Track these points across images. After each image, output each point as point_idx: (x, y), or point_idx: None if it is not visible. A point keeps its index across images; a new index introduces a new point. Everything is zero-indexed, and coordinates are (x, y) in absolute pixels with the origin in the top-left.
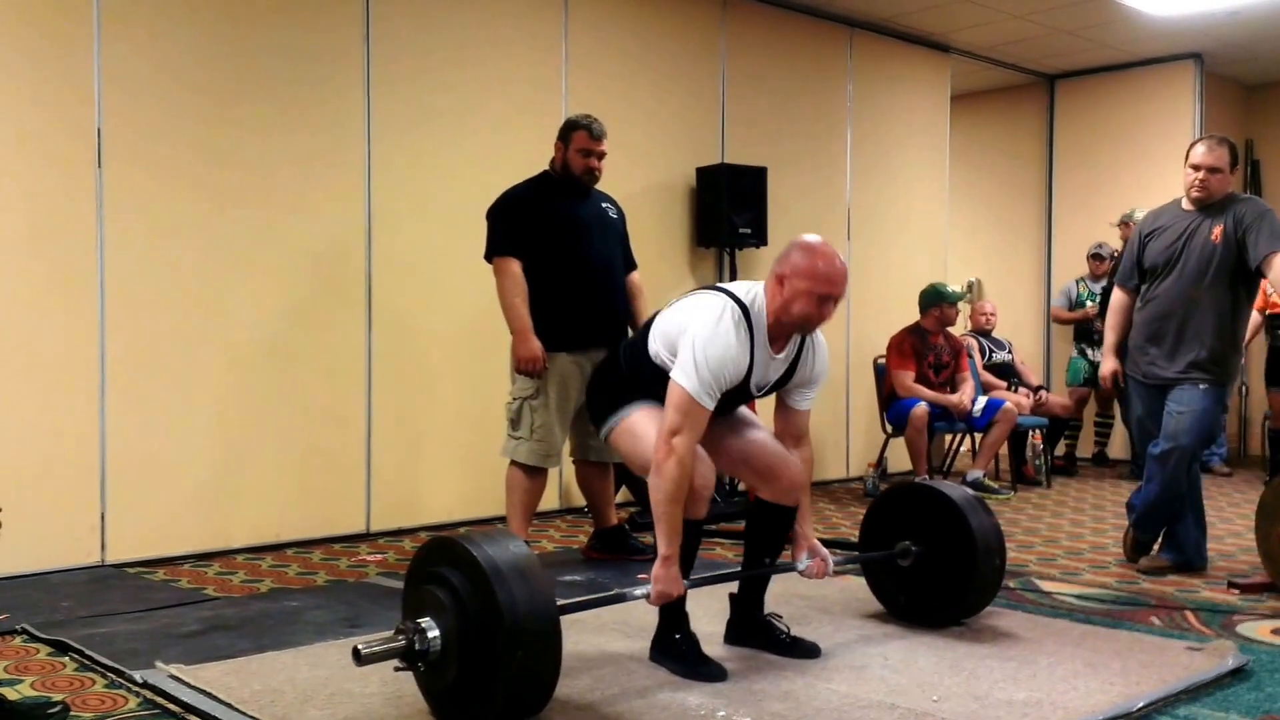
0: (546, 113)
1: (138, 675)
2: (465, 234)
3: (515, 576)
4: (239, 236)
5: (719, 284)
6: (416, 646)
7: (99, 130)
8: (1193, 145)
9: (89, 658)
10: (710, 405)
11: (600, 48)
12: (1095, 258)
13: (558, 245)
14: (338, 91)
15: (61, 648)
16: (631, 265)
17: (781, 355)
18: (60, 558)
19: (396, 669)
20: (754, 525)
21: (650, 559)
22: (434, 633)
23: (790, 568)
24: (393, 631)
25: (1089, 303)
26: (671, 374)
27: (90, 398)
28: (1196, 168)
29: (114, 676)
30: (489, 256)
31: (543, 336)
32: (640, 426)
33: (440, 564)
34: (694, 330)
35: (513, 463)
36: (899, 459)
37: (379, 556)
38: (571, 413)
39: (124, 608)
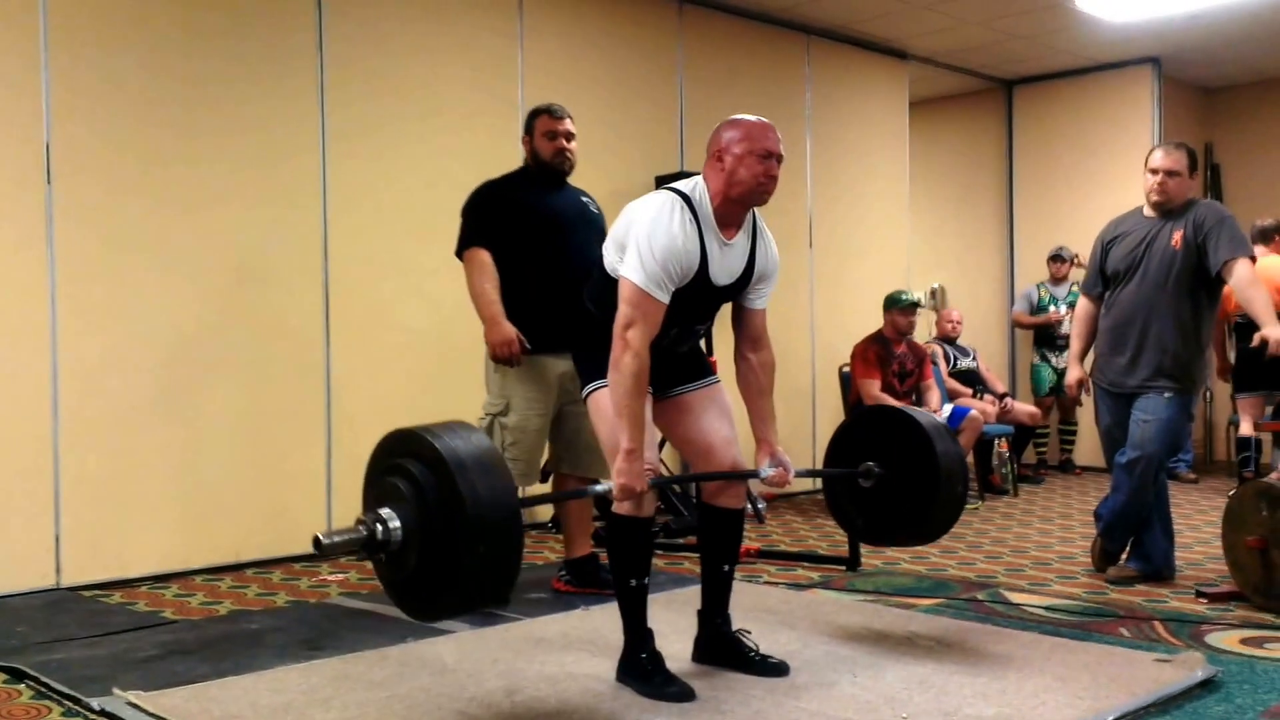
0: (501, 119)
1: (95, 703)
2: (421, 241)
3: (476, 466)
4: (191, 249)
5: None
6: (378, 536)
7: (47, 145)
8: (1151, 151)
9: (45, 685)
10: (662, 297)
11: (556, 54)
12: (1055, 259)
13: (535, 240)
14: (290, 98)
15: (17, 675)
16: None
17: (735, 242)
18: (14, 581)
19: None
20: (706, 533)
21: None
22: (395, 523)
23: (753, 474)
24: (354, 522)
25: (1051, 307)
26: (620, 270)
27: (42, 416)
28: (1155, 171)
29: (70, 704)
30: (459, 252)
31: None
32: (608, 407)
33: (401, 455)
34: (638, 224)
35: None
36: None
37: (340, 576)
38: (549, 420)
39: (80, 632)
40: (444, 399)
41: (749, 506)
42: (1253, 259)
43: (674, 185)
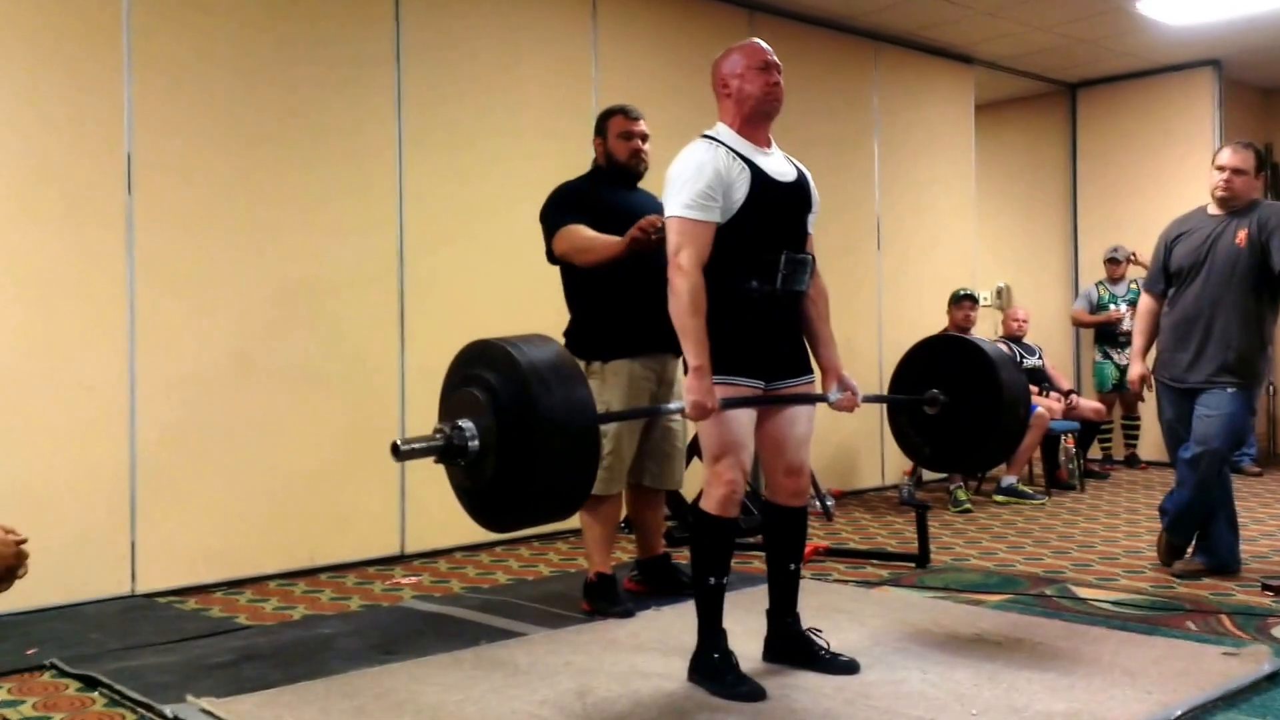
0: (576, 125)
1: (168, 710)
2: (497, 255)
3: (554, 377)
4: (271, 264)
5: None
6: (455, 443)
7: (128, 154)
8: (1219, 149)
9: (119, 692)
10: (704, 215)
11: (629, 62)
12: (1111, 261)
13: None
14: (368, 116)
15: (91, 682)
16: None
17: (773, 150)
18: (90, 589)
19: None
20: (771, 531)
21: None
22: (472, 430)
23: (822, 399)
24: (432, 431)
25: (1111, 306)
26: (668, 210)
27: (120, 426)
28: (1222, 169)
29: (144, 711)
30: (550, 253)
31: (604, 341)
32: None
33: (478, 366)
34: (671, 169)
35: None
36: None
37: (414, 579)
38: (641, 427)
39: (154, 639)
40: None
41: (816, 504)
42: None
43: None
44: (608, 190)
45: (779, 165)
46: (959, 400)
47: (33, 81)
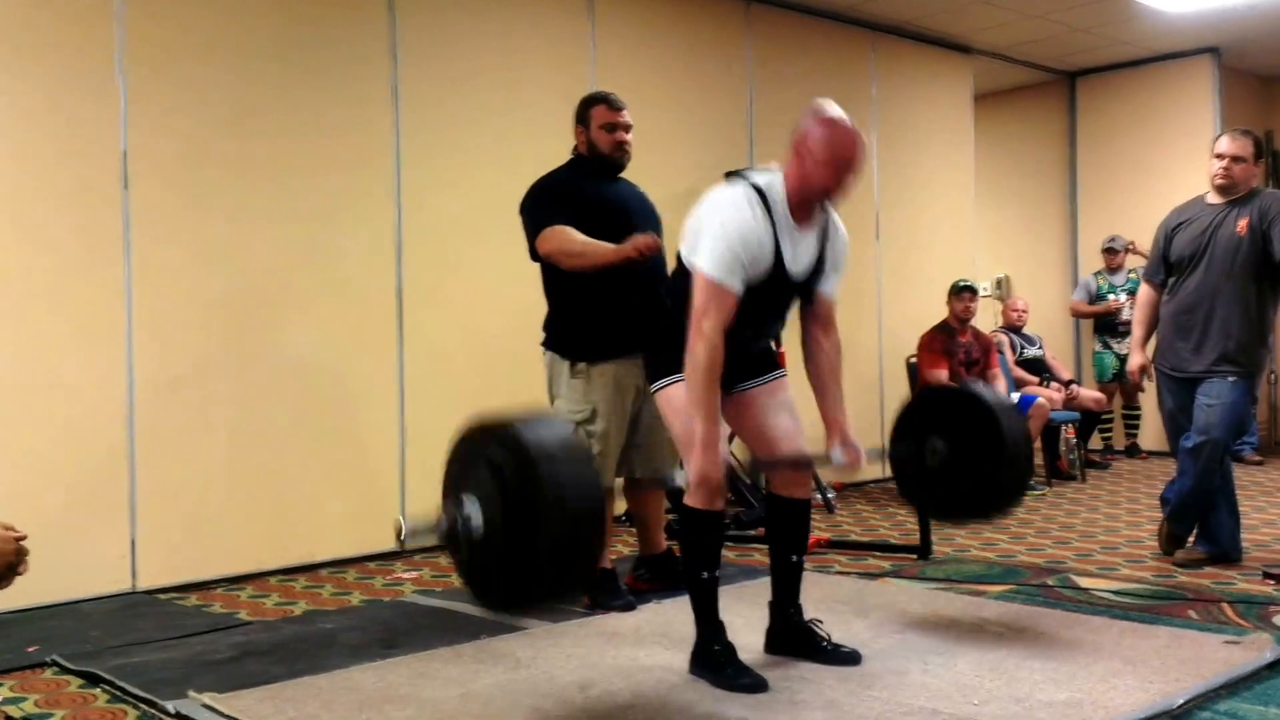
0: (572, 118)
1: (171, 705)
2: (494, 248)
3: (560, 455)
4: (268, 257)
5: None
6: (459, 528)
7: (124, 151)
8: (1218, 137)
9: (120, 689)
10: (735, 286)
11: (627, 57)
12: (1109, 251)
13: (602, 234)
14: (365, 109)
15: (93, 679)
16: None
17: (809, 233)
18: (90, 586)
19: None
20: (774, 523)
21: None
22: (476, 513)
23: (825, 459)
24: (438, 513)
25: (1110, 296)
26: (694, 260)
27: (119, 422)
28: (1221, 156)
29: (146, 707)
30: (533, 250)
31: (592, 341)
32: (680, 400)
33: (482, 443)
34: (710, 217)
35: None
36: None
37: (415, 574)
38: (626, 425)
39: (156, 635)
40: (513, 399)
41: (818, 496)
42: None
43: (749, 174)
44: (589, 181)
45: (804, 254)
46: (960, 451)
47: (26, 80)
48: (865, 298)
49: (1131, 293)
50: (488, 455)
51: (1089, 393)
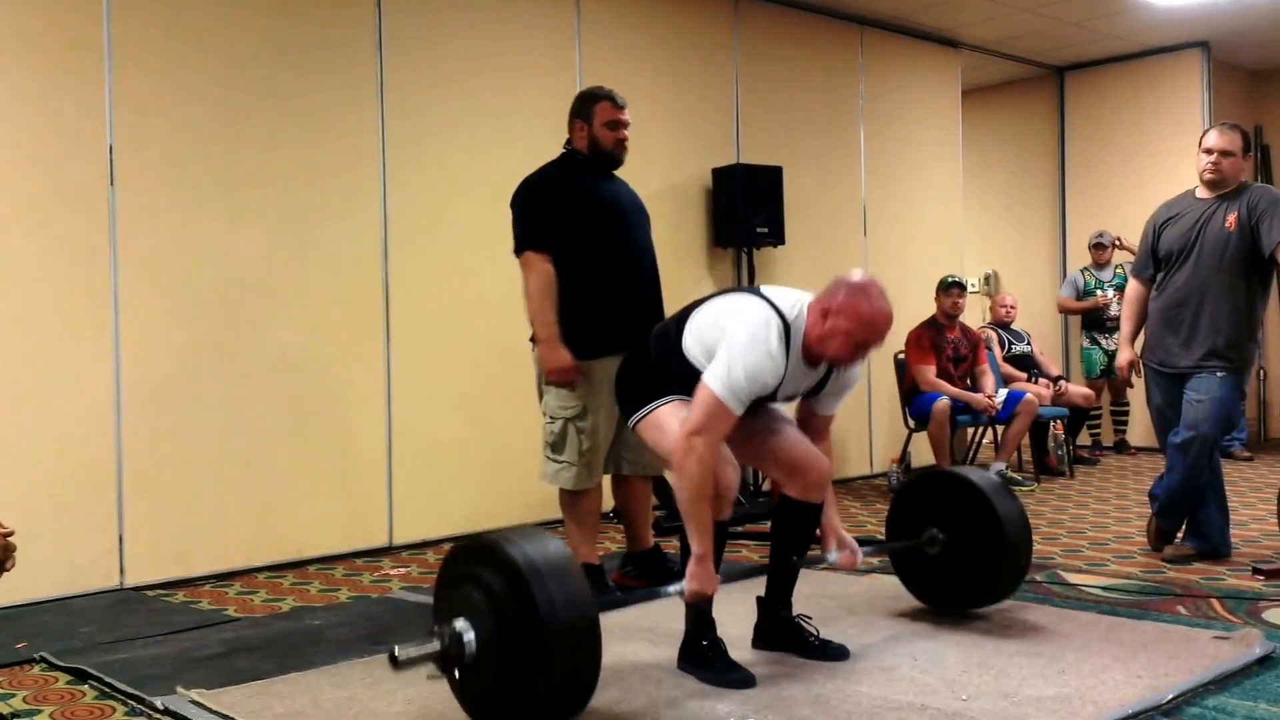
0: (562, 119)
1: (159, 701)
2: (481, 244)
3: (552, 576)
4: (255, 253)
5: (760, 288)
6: (452, 650)
7: (110, 147)
8: (1206, 131)
9: (109, 685)
10: (739, 411)
11: (614, 53)
12: (1097, 247)
13: (596, 232)
14: (351, 105)
15: (81, 675)
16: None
17: (816, 369)
18: (79, 582)
19: (430, 676)
20: (781, 523)
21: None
22: (470, 635)
23: (820, 561)
24: (427, 636)
25: (1098, 291)
26: (704, 374)
27: (106, 419)
28: (1209, 151)
29: (134, 704)
30: (518, 250)
31: (584, 338)
32: (668, 421)
33: (473, 564)
34: (734, 336)
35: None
36: (922, 453)
37: (402, 570)
38: (615, 422)
39: (144, 632)
40: (503, 399)
41: None
42: None
43: (775, 299)
44: (583, 178)
45: (804, 384)
46: (958, 537)
47: (11, 76)
48: None
49: (1119, 288)
50: (479, 576)
51: (1077, 389)
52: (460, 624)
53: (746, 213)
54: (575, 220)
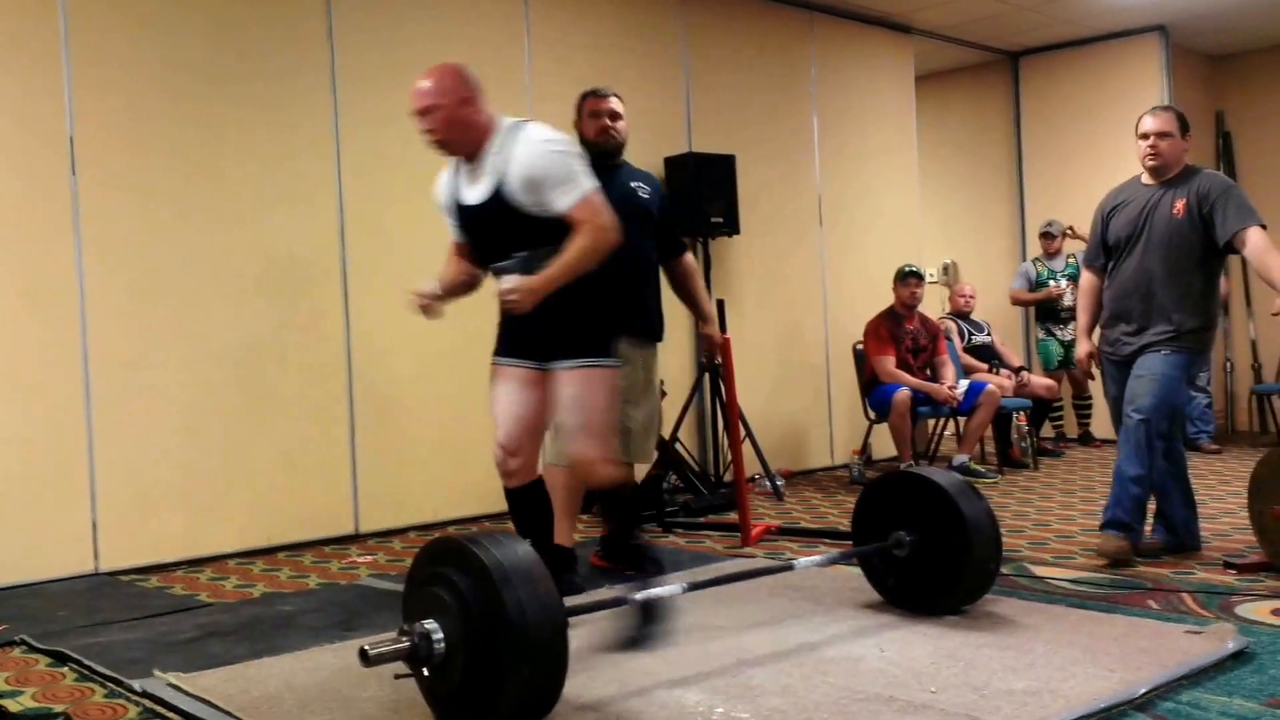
0: (510, 106)
1: (137, 684)
2: (435, 231)
3: (521, 579)
4: (215, 240)
5: None
6: (420, 649)
7: (70, 138)
8: (1140, 117)
9: (88, 667)
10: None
11: (563, 40)
12: (1046, 236)
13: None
14: (304, 90)
15: (60, 658)
16: (677, 248)
17: (476, 168)
18: (55, 567)
19: (397, 676)
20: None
21: (656, 571)
22: (438, 635)
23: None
24: (396, 633)
25: (1050, 282)
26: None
27: (76, 406)
28: (1145, 136)
29: (113, 686)
30: None
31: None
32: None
33: (444, 565)
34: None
35: (550, 464)
36: (883, 445)
37: (369, 558)
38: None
39: (120, 616)
40: (463, 380)
41: (766, 484)
42: (1263, 226)
43: None
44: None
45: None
46: (926, 539)
47: None
48: (810, 284)
49: (1072, 278)
50: (448, 577)
51: (1039, 380)
52: (429, 624)
53: (700, 202)
54: None
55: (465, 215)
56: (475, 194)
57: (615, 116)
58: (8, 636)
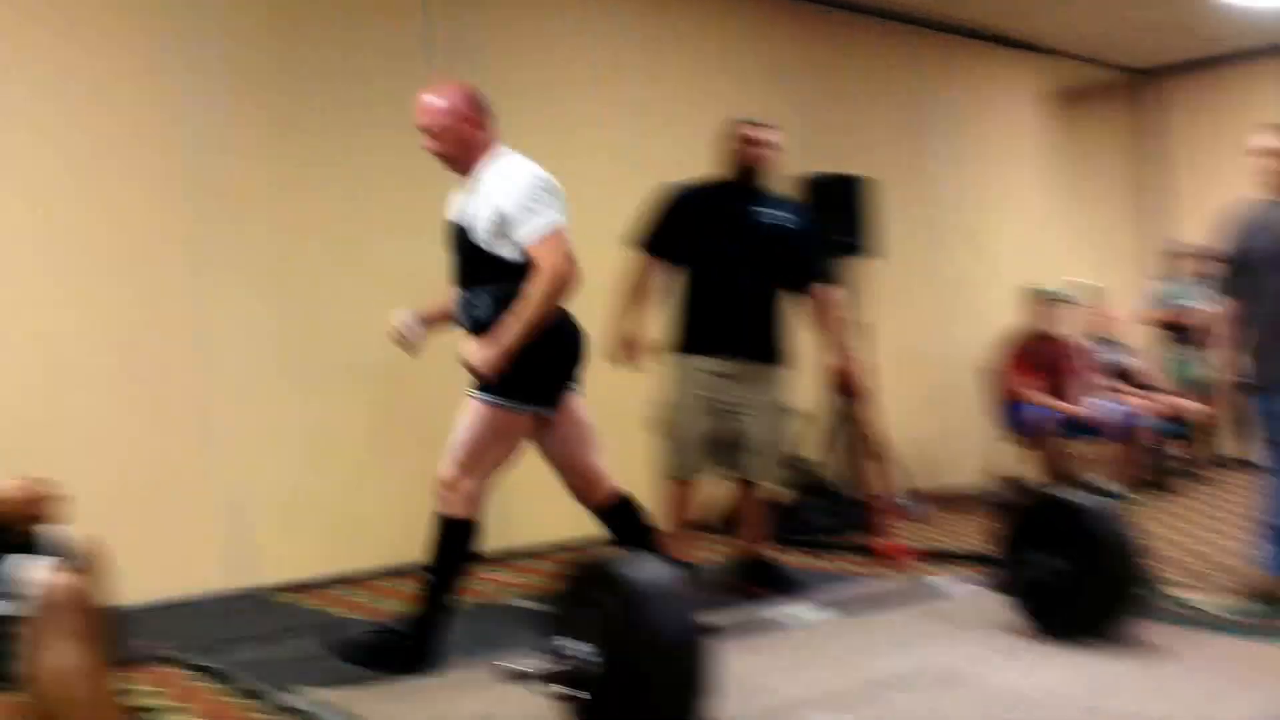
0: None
1: (291, 701)
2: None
3: (663, 600)
4: (339, 261)
5: None
6: (563, 669)
7: (188, 152)
8: (1257, 137)
9: (243, 686)
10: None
11: (704, 70)
12: (1172, 255)
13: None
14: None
15: (214, 674)
16: (807, 279)
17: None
18: (203, 583)
19: (539, 692)
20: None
21: (794, 592)
22: (581, 655)
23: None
24: (540, 653)
25: (1177, 302)
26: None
27: (215, 427)
28: (1271, 153)
29: (265, 702)
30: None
31: (680, 339)
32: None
33: (587, 585)
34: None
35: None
36: (1024, 467)
37: (516, 579)
38: (707, 422)
39: (270, 632)
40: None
41: (905, 505)
42: None
43: None
44: (724, 200)
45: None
46: (1071, 564)
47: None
48: (939, 305)
49: (1199, 300)
50: (593, 597)
51: (1182, 402)
52: (572, 644)
53: (832, 225)
54: (701, 234)
55: (447, 230)
56: (454, 212)
57: (768, 145)
58: (156, 652)
